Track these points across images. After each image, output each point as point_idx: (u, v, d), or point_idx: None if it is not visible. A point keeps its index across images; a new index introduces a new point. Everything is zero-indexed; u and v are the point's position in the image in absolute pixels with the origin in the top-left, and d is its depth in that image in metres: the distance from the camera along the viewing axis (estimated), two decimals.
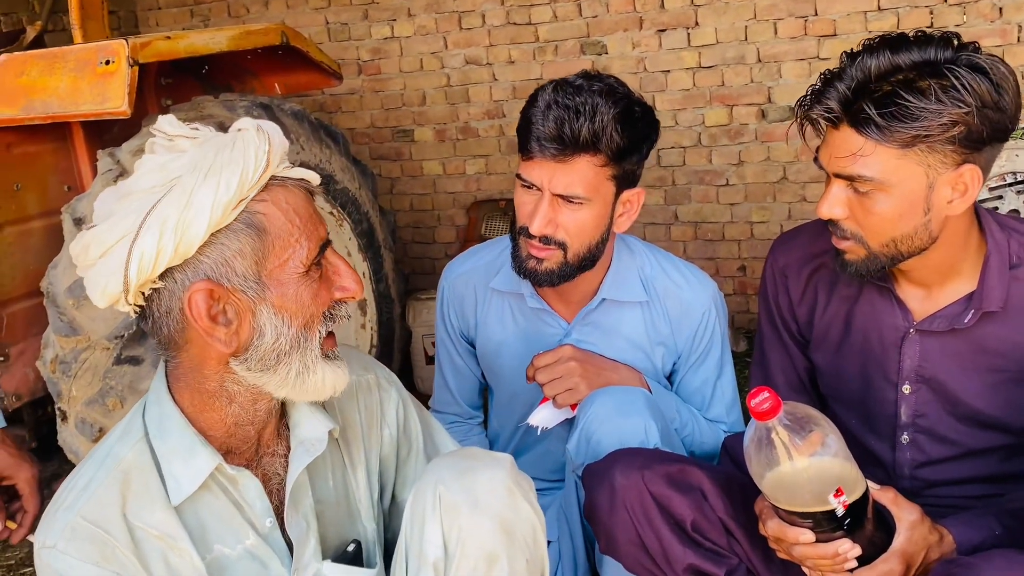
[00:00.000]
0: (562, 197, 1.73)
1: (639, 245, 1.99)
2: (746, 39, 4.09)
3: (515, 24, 4.44)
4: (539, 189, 1.74)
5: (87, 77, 2.54)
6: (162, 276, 1.18)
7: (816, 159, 1.49)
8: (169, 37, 2.67)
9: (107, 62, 2.52)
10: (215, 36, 2.83)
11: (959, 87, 1.32)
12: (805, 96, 1.46)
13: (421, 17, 4.63)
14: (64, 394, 2.52)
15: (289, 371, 1.23)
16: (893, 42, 1.38)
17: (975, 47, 1.38)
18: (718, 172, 4.28)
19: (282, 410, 1.35)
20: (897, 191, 1.40)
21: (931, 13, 3.75)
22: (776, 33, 4.04)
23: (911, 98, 1.33)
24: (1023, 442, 1.51)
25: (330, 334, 1.27)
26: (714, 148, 4.26)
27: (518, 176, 1.78)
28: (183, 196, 1.14)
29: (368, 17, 4.75)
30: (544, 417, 1.86)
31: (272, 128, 1.23)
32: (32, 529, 1.58)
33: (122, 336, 2.44)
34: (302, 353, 1.23)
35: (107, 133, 2.96)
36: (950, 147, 1.36)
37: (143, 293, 1.20)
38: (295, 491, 1.31)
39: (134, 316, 1.24)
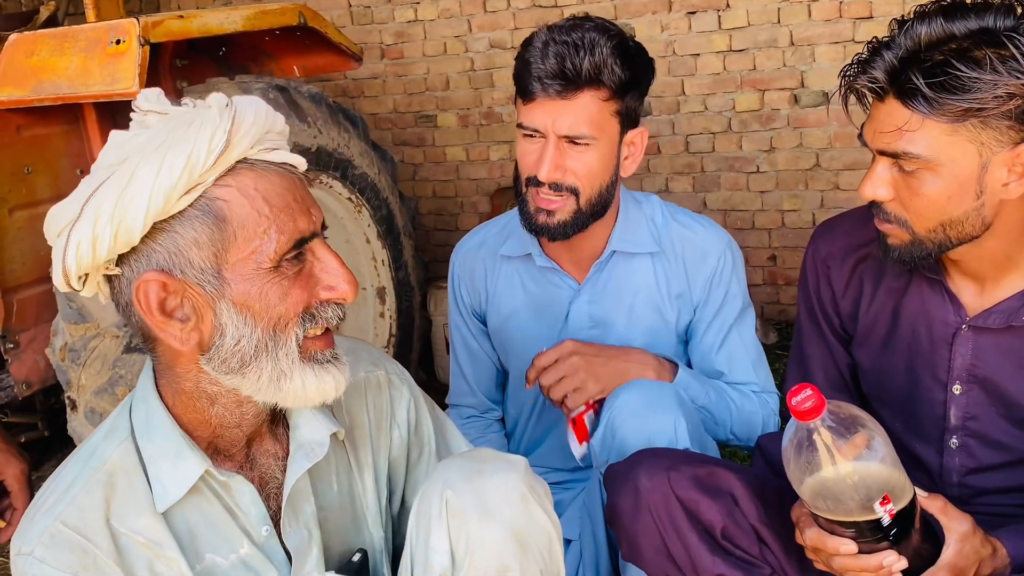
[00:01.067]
0: (568, 139, 1.69)
1: (648, 197, 1.94)
2: (779, 22, 3.98)
3: (541, 7, 4.34)
4: (543, 136, 1.70)
5: (97, 57, 2.47)
6: (119, 262, 1.10)
7: (860, 136, 1.39)
8: (182, 16, 2.59)
9: (118, 41, 2.45)
10: (230, 16, 2.75)
11: (1019, 56, 1.21)
12: (850, 65, 1.36)
13: (445, 0, 4.54)
14: (73, 383, 2.46)
15: (260, 375, 1.12)
16: (948, 8, 1.27)
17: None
18: (748, 159, 4.16)
19: (282, 409, 1.25)
20: (946, 170, 1.29)
21: None
22: (810, 15, 3.92)
23: (964, 67, 1.22)
24: None
25: (325, 333, 1.15)
26: (745, 134, 4.15)
27: (519, 126, 1.73)
28: (123, 180, 1.05)
29: (391, 0, 4.66)
30: (575, 447, 1.75)
31: (250, 105, 1.11)
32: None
33: None
34: (273, 357, 1.11)
35: (120, 115, 2.89)
36: (1006, 123, 1.24)
37: (108, 279, 1.12)
38: (295, 498, 1.21)
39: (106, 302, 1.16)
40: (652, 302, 1.88)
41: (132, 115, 1.12)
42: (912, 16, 1.30)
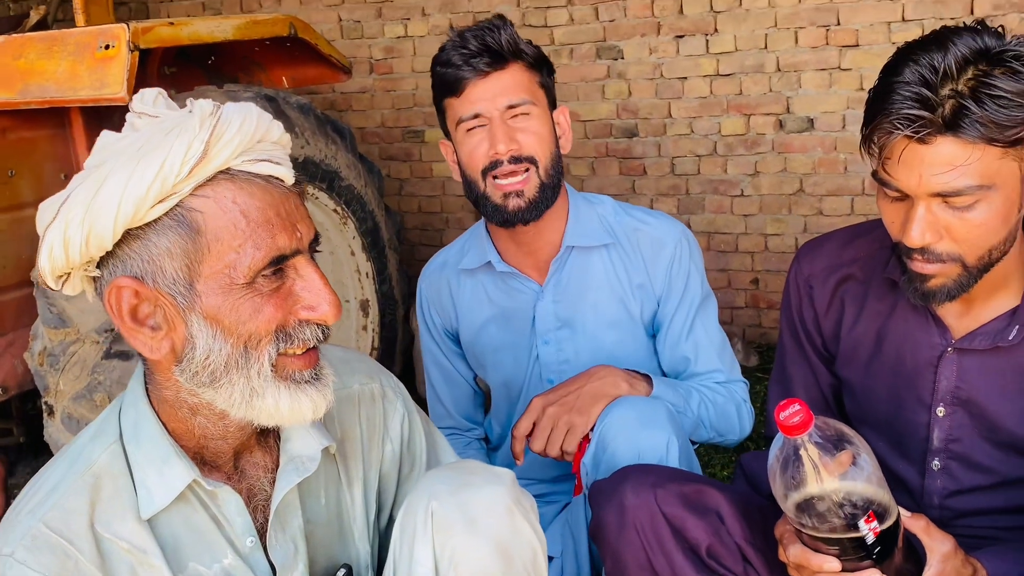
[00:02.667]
0: (511, 110, 1.76)
1: (600, 198, 1.99)
2: (766, 47, 4.02)
3: (531, 26, 4.36)
4: (486, 119, 1.76)
5: (86, 61, 2.46)
6: (100, 264, 1.09)
7: (878, 178, 1.33)
8: (172, 23, 2.59)
9: (107, 46, 2.45)
10: (221, 24, 2.75)
11: None
12: (870, 118, 1.31)
13: (435, 17, 4.56)
14: (51, 388, 2.44)
15: (232, 391, 1.10)
16: (938, 39, 1.25)
17: (1002, 30, 1.28)
18: (733, 182, 4.19)
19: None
20: (999, 194, 1.26)
21: None
22: (796, 42, 3.96)
23: (1005, 85, 1.20)
24: None
25: (307, 352, 1.13)
26: (730, 157, 4.18)
27: (459, 123, 1.79)
28: (95, 184, 1.04)
29: (382, 15, 4.68)
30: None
31: (238, 114, 1.08)
32: None
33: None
34: (245, 373, 1.09)
35: (107, 120, 2.88)
36: None
37: (92, 279, 1.11)
38: (282, 511, 1.20)
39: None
40: (615, 294, 1.91)
41: (127, 116, 1.11)
42: (904, 52, 1.28)
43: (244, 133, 1.06)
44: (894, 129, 1.25)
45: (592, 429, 1.68)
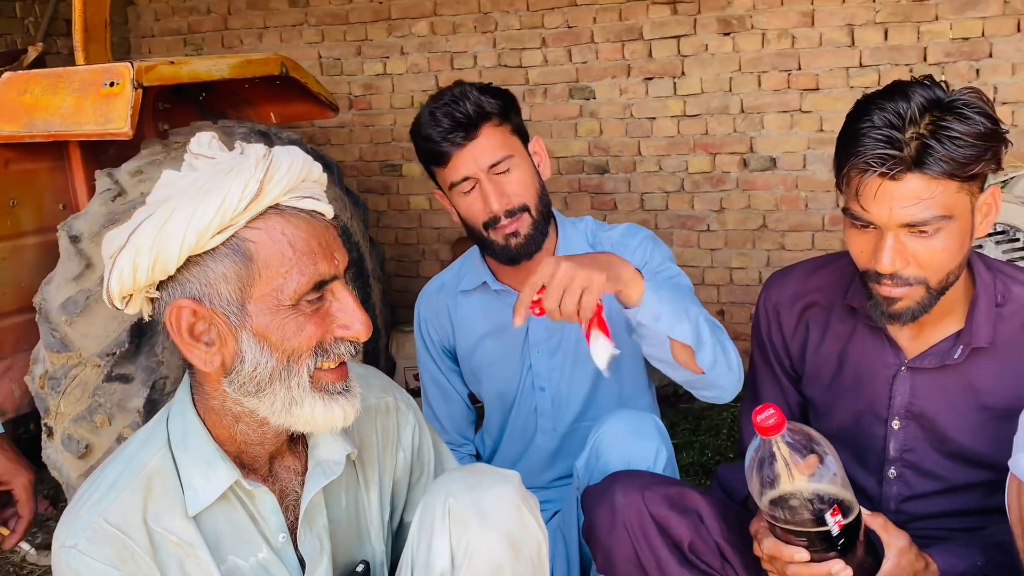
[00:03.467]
0: (494, 167, 1.93)
1: (582, 219, 2.17)
2: (730, 90, 4.20)
3: (506, 66, 4.54)
4: (474, 179, 1.93)
5: (91, 97, 2.58)
6: (160, 287, 1.22)
7: (849, 213, 1.48)
8: (173, 62, 2.71)
9: (111, 84, 2.56)
10: (217, 63, 2.88)
11: (983, 113, 1.39)
12: (843, 159, 1.46)
13: (414, 56, 4.72)
14: (52, 410, 2.52)
15: (275, 400, 1.22)
16: (900, 89, 1.43)
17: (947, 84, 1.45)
18: (699, 218, 4.36)
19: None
20: (957, 223, 1.44)
21: (910, 71, 3.88)
22: (760, 85, 4.15)
23: (960, 127, 1.37)
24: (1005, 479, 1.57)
25: (339, 367, 1.26)
26: (696, 194, 4.35)
27: (451, 187, 1.96)
28: (163, 218, 1.17)
29: (361, 53, 4.83)
30: (600, 356, 1.60)
31: (287, 157, 1.22)
32: (24, 535, 1.59)
33: (114, 353, 2.45)
34: (286, 385, 1.22)
35: (103, 154, 2.99)
36: (986, 168, 1.42)
37: (151, 301, 1.24)
38: (310, 510, 1.32)
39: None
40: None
41: (185, 156, 1.24)
42: (866, 103, 1.44)
43: (291, 174, 1.20)
44: (868, 168, 1.41)
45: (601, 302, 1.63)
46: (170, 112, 3.16)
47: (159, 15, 5.23)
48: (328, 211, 1.26)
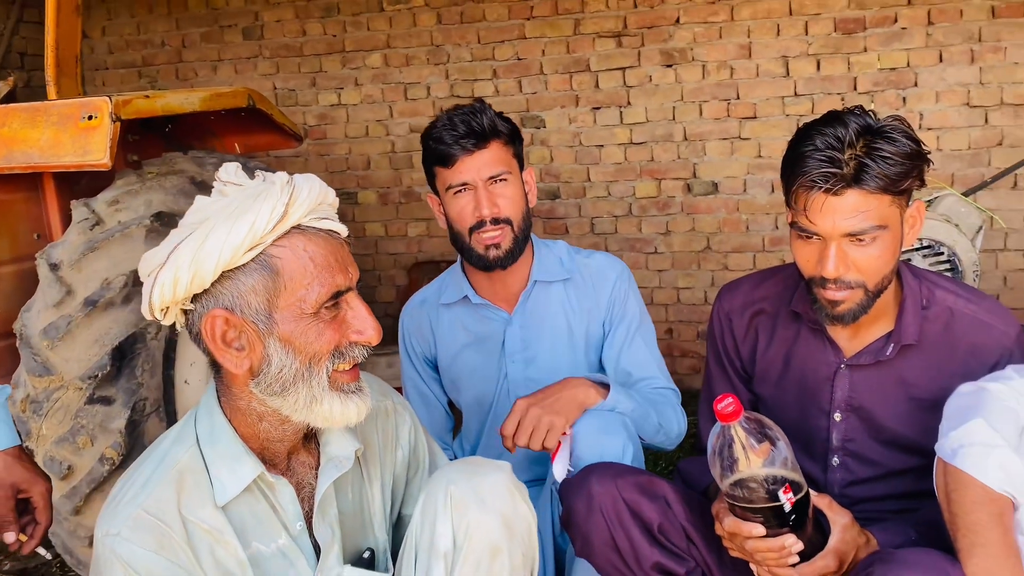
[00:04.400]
0: (492, 180, 2.11)
1: (555, 242, 2.36)
2: (674, 119, 4.43)
3: (459, 96, 4.70)
4: (471, 187, 2.11)
5: (69, 131, 2.67)
6: (193, 300, 1.35)
7: (796, 226, 1.67)
8: (148, 96, 2.82)
9: (90, 117, 2.66)
10: (189, 96, 2.99)
11: (907, 136, 1.59)
12: (790, 179, 1.65)
13: (368, 87, 4.86)
14: (34, 432, 2.59)
15: (297, 399, 1.36)
16: (836, 117, 1.63)
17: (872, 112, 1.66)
18: (647, 240, 4.56)
19: (314, 427, 1.47)
20: (890, 232, 1.64)
21: (842, 99, 4.14)
22: (701, 114, 4.38)
23: (889, 148, 1.57)
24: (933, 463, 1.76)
25: (352, 369, 1.40)
26: (644, 218, 4.55)
27: (448, 188, 2.13)
28: (201, 237, 1.31)
29: (316, 85, 4.96)
30: (558, 470, 1.96)
31: (306, 183, 1.37)
32: (42, 541, 1.68)
33: (96, 376, 2.53)
34: (308, 384, 1.35)
35: (76, 185, 3.07)
36: (912, 184, 1.63)
37: (184, 312, 1.37)
38: (323, 501, 1.45)
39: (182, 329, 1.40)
40: (569, 320, 2.26)
41: (214, 183, 1.38)
42: (819, 128, 1.63)
43: (311, 197, 1.35)
44: (813, 185, 1.61)
45: (568, 430, 1.95)
46: (139, 143, 3.25)
47: (113, 48, 5.30)
48: (343, 230, 1.41)
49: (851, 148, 1.59)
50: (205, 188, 2.91)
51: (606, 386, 2.08)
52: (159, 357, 2.70)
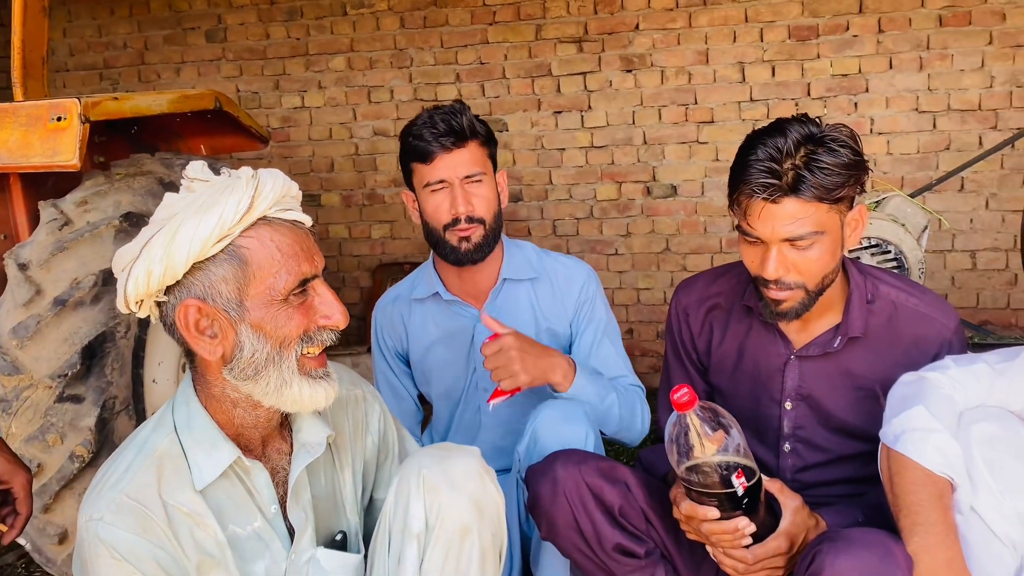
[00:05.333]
0: (468, 179, 2.18)
1: (524, 243, 2.44)
2: (633, 123, 4.52)
3: (422, 100, 4.76)
4: (448, 184, 2.18)
5: (38, 132, 2.69)
6: (167, 292, 1.40)
7: (741, 230, 1.76)
8: (117, 98, 2.85)
9: (59, 118, 2.69)
10: (157, 99, 3.03)
11: (848, 146, 1.68)
12: (735, 187, 1.74)
13: (331, 90, 4.90)
14: (3, 431, 2.61)
15: (268, 383, 1.41)
16: (777, 128, 1.71)
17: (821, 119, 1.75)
18: (608, 242, 4.65)
19: (287, 415, 1.54)
20: (828, 237, 1.72)
21: (796, 105, 4.26)
22: (660, 119, 4.48)
23: (827, 159, 1.66)
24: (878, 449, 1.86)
25: (321, 355, 1.46)
26: (604, 220, 4.64)
27: (425, 185, 2.19)
28: (171, 231, 1.37)
29: (279, 87, 4.99)
30: (492, 401, 2.11)
31: (270, 177, 1.42)
32: (21, 532, 1.71)
33: (65, 375, 2.56)
34: (278, 368, 1.41)
35: (43, 186, 3.08)
36: (851, 192, 1.71)
37: (158, 304, 1.43)
38: (296, 486, 1.51)
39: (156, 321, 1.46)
40: (536, 317, 2.34)
41: (182, 181, 1.43)
42: (754, 139, 1.72)
43: (275, 190, 1.41)
44: (753, 194, 1.69)
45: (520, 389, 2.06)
46: (105, 145, 3.28)
47: (74, 50, 5.30)
48: (307, 220, 1.47)
49: (790, 158, 1.67)
50: (173, 189, 2.91)
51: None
52: (128, 356, 2.73)
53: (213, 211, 1.36)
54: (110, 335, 2.65)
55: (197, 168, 1.44)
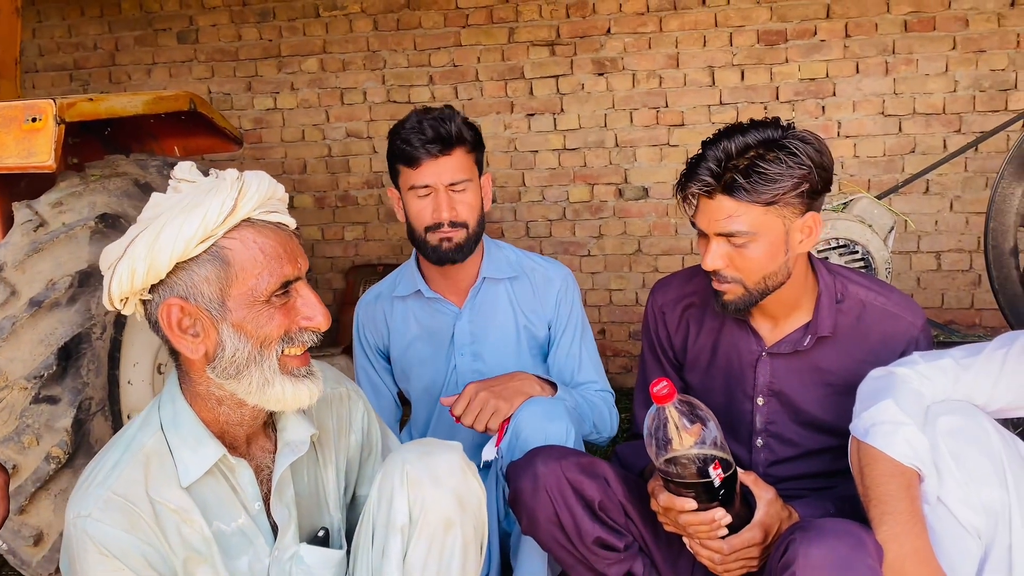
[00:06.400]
0: (452, 186, 2.22)
1: (503, 243, 2.49)
2: (605, 126, 4.56)
3: (395, 102, 4.78)
4: (433, 189, 2.22)
5: (13, 133, 2.69)
6: (151, 290, 1.42)
7: (694, 224, 1.84)
8: (92, 99, 2.85)
9: (34, 119, 2.68)
10: (132, 100, 3.02)
11: (799, 153, 1.73)
12: (680, 180, 1.82)
13: (304, 91, 4.91)
14: None
15: (251, 382, 1.43)
16: (739, 128, 1.78)
17: (792, 125, 1.79)
18: (581, 244, 4.69)
19: (272, 414, 1.56)
20: (765, 239, 1.78)
21: (765, 108, 4.32)
22: (632, 121, 4.53)
23: (767, 166, 1.72)
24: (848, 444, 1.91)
25: (304, 354, 1.47)
26: (577, 222, 4.68)
27: (411, 188, 2.22)
28: (156, 230, 1.38)
29: (252, 89, 4.98)
30: (488, 451, 2.12)
31: (255, 179, 1.44)
32: None
33: (41, 376, 2.55)
34: (260, 367, 1.43)
35: (15, 187, 3.07)
36: (797, 200, 1.76)
37: (143, 302, 1.44)
38: (280, 483, 1.53)
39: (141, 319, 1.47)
40: (515, 316, 2.38)
41: (170, 181, 1.45)
42: (714, 136, 1.79)
43: (260, 192, 1.43)
44: (696, 189, 1.78)
45: (510, 417, 2.07)
46: (78, 146, 3.27)
47: (44, 51, 5.26)
48: (291, 223, 1.49)
49: (733, 159, 1.75)
50: (148, 190, 2.94)
51: (551, 384, 2.20)
52: (104, 357, 2.73)
53: (197, 212, 1.37)
54: (86, 336, 2.65)
55: (185, 169, 1.45)
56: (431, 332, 2.39)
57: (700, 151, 1.81)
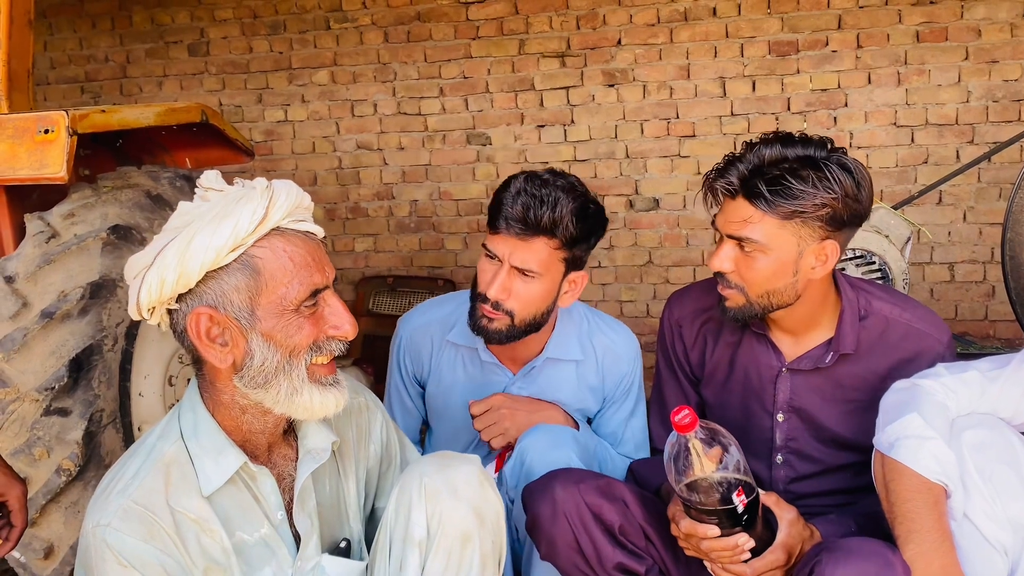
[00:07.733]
0: (518, 270, 1.99)
1: (575, 310, 2.26)
2: (616, 137, 4.55)
3: (405, 114, 4.78)
4: (500, 261, 2.00)
5: (26, 144, 2.68)
6: (179, 299, 1.41)
7: (713, 223, 1.83)
8: (104, 111, 2.84)
9: (47, 131, 2.67)
10: (144, 111, 3.02)
11: (830, 178, 1.70)
12: (711, 172, 1.80)
13: (315, 104, 4.90)
14: None
15: (279, 391, 1.42)
16: (784, 138, 1.76)
17: (844, 151, 1.77)
18: (592, 255, 4.65)
19: (292, 422, 1.55)
20: (774, 254, 1.76)
21: (777, 119, 4.31)
22: (642, 133, 4.52)
23: (794, 181, 1.70)
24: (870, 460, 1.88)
25: (331, 362, 1.46)
26: None
27: (484, 246, 2.05)
28: (186, 240, 1.37)
29: (262, 101, 4.99)
30: (493, 474, 2.09)
31: (284, 188, 1.43)
32: (17, 544, 1.70)
33: (52, 388, 2.54)
34: (289, 376, 1.42)
35: (27, 199, 3.07)
36: (818, 224, 1.73)
37: (169, 311, 1.43)
38: (302, 492, 1.51)
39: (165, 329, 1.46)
40: (572, 396, 2.22)
41: (196, 190, 1.44)
42: (758, 140, 1.77)
43: (289, 201, 1.42)
44: (720, 185, 1.77)
45: (513, 445, 2.03)
46: (90, 158, 3.26)
47: (55, 63, 5.27)
48: (319, 231, 1.48)
49: (763, 167, 1.73)
50: (160, 201, 2.94)
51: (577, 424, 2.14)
52: (115, 369, 2.71)
53: (228, 221, 1.37)
54: (97, 348, 2.63)
55: (211, 178, 1.45)
56: (477, 385, 2.24)
57: (741, 150, 1.79)
